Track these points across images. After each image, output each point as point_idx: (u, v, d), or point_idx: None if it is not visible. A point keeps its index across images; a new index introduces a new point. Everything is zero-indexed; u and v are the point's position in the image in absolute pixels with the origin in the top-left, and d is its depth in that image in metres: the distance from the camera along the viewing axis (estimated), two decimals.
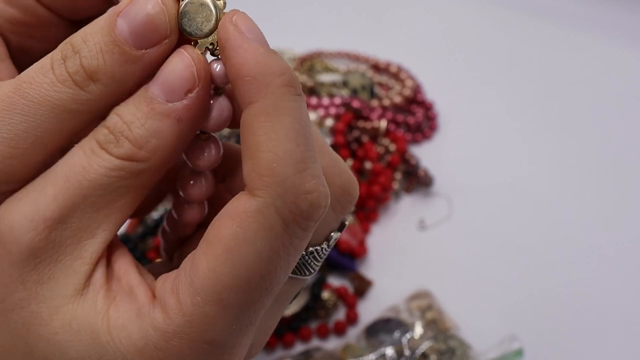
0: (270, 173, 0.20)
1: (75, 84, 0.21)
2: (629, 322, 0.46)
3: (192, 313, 0.21)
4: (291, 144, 0.20)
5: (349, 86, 0.60)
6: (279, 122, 0.20)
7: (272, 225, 0.20)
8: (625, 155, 0.57)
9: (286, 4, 0.72)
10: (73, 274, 0.22)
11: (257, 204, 0.20)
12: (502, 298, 0.47)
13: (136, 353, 0.21)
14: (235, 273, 0.20)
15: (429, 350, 0.43)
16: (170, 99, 0.21)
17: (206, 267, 0.20)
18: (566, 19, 0.70)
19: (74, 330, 0.21)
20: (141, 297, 0.22)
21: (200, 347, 0.21)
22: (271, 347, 0.44)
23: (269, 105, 0.20)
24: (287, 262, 0.21)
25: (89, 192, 0.21)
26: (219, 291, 0.20)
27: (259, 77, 0.20)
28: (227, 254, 0.20)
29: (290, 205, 0.20)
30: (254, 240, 0.20)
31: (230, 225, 0.20)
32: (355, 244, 0.49)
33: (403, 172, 0.55)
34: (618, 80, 0.64)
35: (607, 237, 0.51)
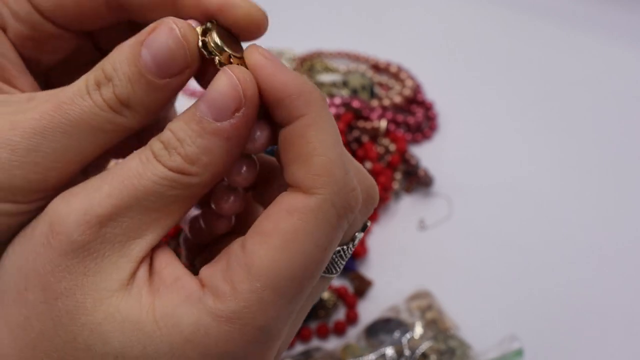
0: (327, 173, 0.22)
1: (111, 109, 0.23)
2: (629, 322, 0.46)
3: (248, 299, 0.22)
4: (337, 149, 0.23)
5: (349, 86, 0.60)
6: (326, 131, 0.23)
7: (330, 219, 0.23)
8: (625, 155, 0.57)
9: (286, 4, 0.72)
10: (118, 270, 0.23)
11: (317, 200, 0.22)
12: (502, 298, 0.47)
13: (183, 340, 0.22)
14: (295, 262, 0.22)
15: (429, 350, 0.43)
16: (219, 118, 0.23)
17: (265, 257, 0.22)
18: (566, 19, 0.70)
19: (118, 322, 0.22)
20: (189, 286, 0.23)
21: (250, 332, 0.22)
22: None
23: (315, 117, 0.23)
24: (332, 253, 0.24)
25: (141, 195, 0.23)
26: (277, 279, 0.22)
27: (303, 95, 0.23)
28: (287, 244, 0.22)
29: (344, 201, 0.23)
30: (314, 232, 0.22)
31: (290, 219, 0.22)
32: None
33: (403, 172, 0.55)
34: (618, 80, 0.64)
35: (607, 237, 0.51)
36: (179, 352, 0.22)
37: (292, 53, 0.65)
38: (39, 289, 0.22)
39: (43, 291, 0.22)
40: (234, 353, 0.22)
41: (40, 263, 0.22)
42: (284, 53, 0.66)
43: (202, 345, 0.22)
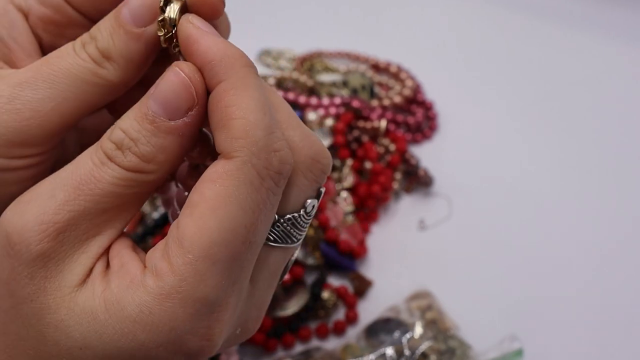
0: (244, 135, 0.22)
1: (94, 61, 0.25)
2: (629, 321, 0.46)
3: (183, 271, 0.22)
4: (259, 112, 0.23)
5: (349, 86, 0.60)
6: (247, 94, 0.23)
7: (252, 180, 0.23)
8: (626, 155, 0.57)
9: (286, 4, 0.72)
10: (78, 267, 0.23)
11: (236, 163, 0.22)
12: (502, 298, 0.47)
13: (131, 323, 0.22)
14: (222, 227, 0.22)
15: (429, 350, 0.43)
16: (172, 117, 0.23)
17: (194, 226, 0.22)
18: (566, 19, 0.70)
19: (77, 315, 0.23)
20: (133, 270, 0.23)
21: (192, 306, 0.22)
22: (271, 348, 0.44)
23: (236, 81, 0.23)
24: (265, 216, 0.23)
25: (99, 199, 0.23)
26: (208, 247, 0.22)
27: (224, 60, 0.23)
28: (212, 211, 0.22)
29: (264, 161, 0.23)
30: (236, 195, 0.22)
31: (212, 186, 0.22)
32: (355, 244, 0.49)
33: (403, 172, 0.55)
34: (618, 80, 0.64)
35: (608, 237, 0.51)
36: (130, 335, 0.22)
37: (292, 53, 0.65)
38: (7, 296, 0.23)
39: (10, 297, 0.23)
40: (180, 328, 0.23)
41: (4, 272, 0.23)
42: (284, 53, 0.66)
43: (149, 325, 0.22)
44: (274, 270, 0.26)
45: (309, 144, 0.25)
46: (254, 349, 0.45)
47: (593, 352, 0.45)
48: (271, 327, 0.45)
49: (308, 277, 0.48)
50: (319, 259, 0.48)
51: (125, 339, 0.23)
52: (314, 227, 0.48)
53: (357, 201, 0.51)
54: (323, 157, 0.26)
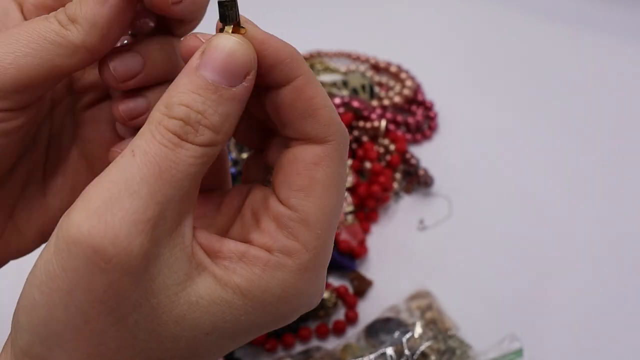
0: (333, 122, 0.25)
1: (59, 22, 0.26)
2: (629, 321, 0.46)
3: (317, 246, 0.25)
4: (328, 98, 0.26)
5: (349, 86, 0.60)
6: (319, 86, 0.26)
7: (344, 157, 0.26)
8: (627, 155, 0.57)
9: (286, 4, 0.72)
10: (177, 262, 0.23)
11: (332, 146, 0.26)
12: (502, 298, 0.47)
13: (276, 300, 0.25)
14: (336, 201, 0.26)
15: (428, 350, 0.43)
16: (233, 84, 0.24)
17: (314, 207, 0.25)
18: (566, 19, 0.70)
19: (204, 307, 0.24)
20: (260, 255, 0.25)
21: (322, 271, 0.26)
22: (271, 348, 0.44)
23: (309, 76, 0.25)
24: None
25: (182, 182, 0.23)
26: (330, 220, 0.26)
27: (295, 58, 0.25)
28: (326, 190, 0.25)
29: (346, 139, 0.26)
30: (339, 173, 0.26)
31: (320, 168, 0.25)
32: (355, 244, 0.49)
33: (403, 172, 0.55)
34: (618, 80, 0.64)
35: (608, 237, 0.51)
36: (273, 311, 0.25)
37: None
38: (105, 314, 0.22)
39: (110, 314, 0.22)
40: (314, 293, 0.26)
41: (97, 291, 0.22)
42: None
43: (292, 297, 0.25)
44: None
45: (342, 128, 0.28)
46: (254, 349, 0.45)
47: (593, 352, 0.45)
48: None
49: None
50: None
51: (267, 315, 0.25)
52: None
53: (357, 201, 0.51)
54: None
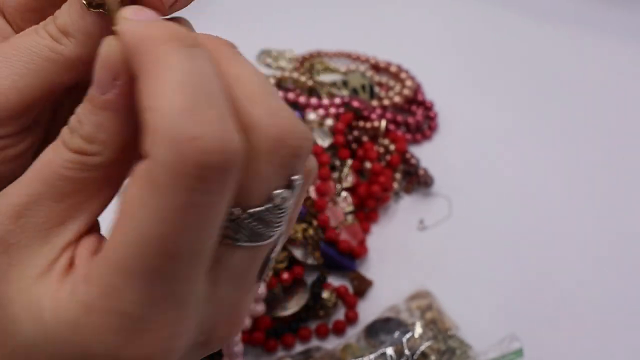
0: (152, 130, 0.19)
1: (52, 37, 0.24)
2: (629, 321, 0.46)
3: (102, 284, 0.21)
4: (172, 94, 0.19)
5: (349, 86, 0.60)
6: (162, 77, 0.19)
7: (159, 182, 0.19)
8: (627, 155, 0.57)
9: (286, 4, 0.72)
10: (40, 259, 0.23)
11: (146, 162, 0.20)
12: (502, 298, 0.47)
13: (71, 330, 0.21)
14: (130, 239, 0.20)
15: (429, 350, 0.43)
16: (103, 91, 0.22)
17: (113, 235, 0.21)
18: (566, 19, 0.70)
19: (31, 311, 0.22)
20: (77, 274, 0.22)
21: (115, 320, 0.21)
22: (271, 348, 0.44)
23: (151, 64, 0.20)
24: (193, 222, 0.20)
25: (53, 182, 0.22)
26: (119, 260, 0.20)
27: (142, 42, 0.20)
28: (126, 218, 0.20)
29: (175, 155, 0.19)
30: (145, 200, 0.20)
31: (130, 189, 0.20)
32: (355, 244, 0.49)
33: (403, 172, 0.55)
34: (619, 81, 0.64)
35: (608, 236, 0.51)
36: (71, 343, 0.21)
37: (292, 53, 0.65)
38: None
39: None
40: (110, 342, 0.21)
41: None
42: (284, 53, 0.66)
43: (82, 335, 0.21)
44: (240, 272, 0.23)
45: (274, 122, 0.21)
46: (254, 349, 0.45)
47: (593, 352, 0.45)
48: (271, 327, 0.45)
49: (308, 277, 0.48)
50: (319, 259, 0.48)
51: (68, 346, 0.21)
52: (314, 227, 0.48)
53: (357, 201, 0.51)
54: (291, 138, 0.21)
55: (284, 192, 0.22)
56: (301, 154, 0.22)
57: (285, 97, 0.56)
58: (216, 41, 0.23)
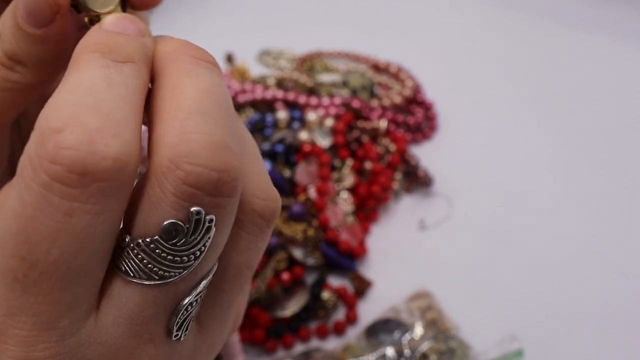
0: (37, 121, 0.18)
1: (3, 65, 0.22)
2: (629, 321, 0.46)
3: None
4: (65, 96, 0.18)
5: (349, 86, 0.60)
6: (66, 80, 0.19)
7: (23, 174, 0.18)
8: (628, 155, 0.57)
9: (286, 4, 0.72)
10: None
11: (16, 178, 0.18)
12: (502, 298, 0.47)
13: None
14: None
15: (429, 350, 0.43)
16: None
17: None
18: (567, 18, 0.70)
19: None
20: None
21: None
22: (271, 348, 0.44)
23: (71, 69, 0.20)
24: (46, 227, 0.18)
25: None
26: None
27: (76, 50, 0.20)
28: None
29: (37, 147, 0.17)
30: (7, 194, 0.19)
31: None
32: (355, 244, 0.49)
33: (403, 172, 0.55)
34: (620, 80, 0.64)
35: (609, 237, 0.51)
36: None
37: (292, 53, 0.65)
38: None
39: None
40: None
41: None
42: (284, 53, 0.66)
43: None
44: (129, 313, 0.20)
45: (179, 142, 0.18)
46: (254, 349, 0.45)
47: (593, 352, 0.45)
48: (271, 327, 0.45)
49: (308, 277, 0.48)
50: (319, 259, 0.48)
51: None
52: (314, 227, 0.48)
53: (357, 201, 0.51)
54: (188, 162, 0.18)
55: (178, 225, 0.19)
56: (201, 184, 0.19)
57: (285, 97, 0.56)
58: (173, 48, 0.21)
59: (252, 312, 0.45)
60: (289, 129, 0.54)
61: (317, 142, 0.53)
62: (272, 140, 0.53)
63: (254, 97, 0.56)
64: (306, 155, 0.52)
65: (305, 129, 0.54)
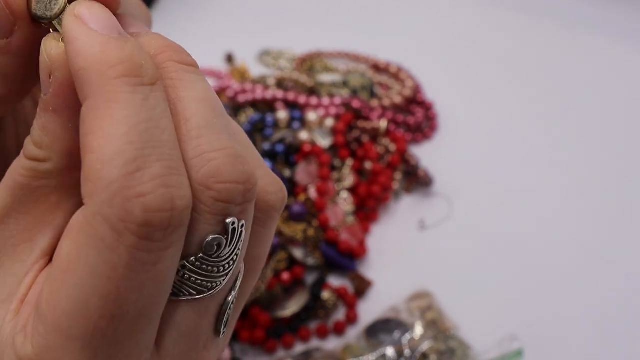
0: (94, 177, 0.18)
1: None
2: (629, 321, 0.46)
3: (38, 345, 0.19)
4: (120, 142, 0.18)
5: (349, 86, 0.60)
6: (108, 117, 0.18)
7: (103, 237, 0.18)
8: (629, 156, 0.57)
9: (286, 4, 0.72)
10: (10, 277, 0.21)
11: (84, 214, 0.18)
12: (502, 298, 0.47)
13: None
14: (73, 297, 0.18)
15: (429, 350, 0.43)
16: (45, 92, 0.21)
17: (47, 293, 0.19)
18: (566, 18, 0.70)
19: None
20: (21, 318, 0.21)
21: None
22: (271, 348, 0.44)
23: (99, 99, 0.18)
24: (136, 281, 0.19)
25: (14, 192, 0.21)
26: (58, 319, 0.19)
27: (92, 68, 0.18)
28: (63, 274, 0.19)
29: (119, 211, 0.18)
30: (85, 257, 0.18)
31: (65, 242, 0.19)
32: (355, 244, 0.49)
33: (403, 172, 0.55)
34: (621, 81, 0.64)
35: (609, 237, 0.51)
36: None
37: (292, 53, 0.65)
38: None
39: None
40: None
41: None
42: (284, 53, 0.66)
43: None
44: (187, 330, 0.21)
45: (201, 164, 0.19)
46: (254, 349, 0.45)
47: (593, 352, 0.45)
48: (271, 327, 0.45)
49: (308, 277, 0.48)
50: (319, 259, 0.48)
51: None
52: (314, 227, 0.48)
53: (357, 201, 0.51)
54: (218, 182, 0.20)
55: (219, 239, 0.20)
56: (233, 198, 0.20)
57: (285, 97, 0.56)
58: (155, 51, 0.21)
59: (252, 312, 0.45)
60: (289, 129, 0.54)
61: (317, 142, 0.53)
62: (272, 140, 0.53)
63: (254, 97, 0.56)
64: (306, 155, 0.52)
65: (306, 129, 0.54)
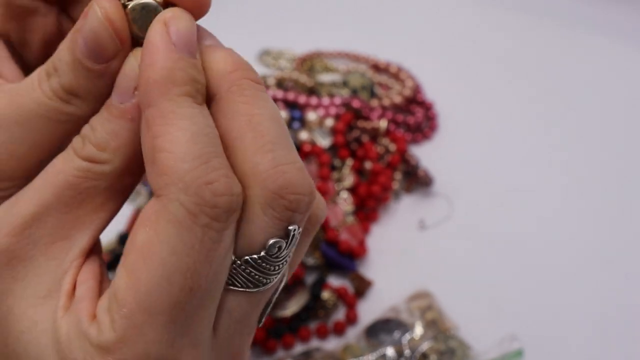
0: (169, 171, 0.20)
1: (60, 98, 0.23)
2: (629, 322, 0.46)
3: (121, 327, 0.21)
4: (188, 143, 0.21)
5: (349, 86, 0.60)
6: (176, 124, 0.21)
7: (180, 219, 0.20)
8: (629, 157, 0.57)
9: (286, 4, 0.72)
10: (46, 274, 0.22)
11: (162, 202, 0.21)
12: (502, 298, 0.47)
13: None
14: (155, 276, 0.21)
15: (429, 350, 0.43)
16: (122, 100, 0.22)
17: (126, 277, 0.21)
18: (567, 19, 0.70)
19: (37, 333, 0.22)
20: (84, 312, 0.22)
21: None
22: (271, 348, 0.44)
23: (166, 109, 0.21)
24: (208, 257, 0.21)
25: (60, 191, 0.22)
26: (142, 299, 0.21)
27: (162, 82, 0.21)
28: (143, 258, 0.21)
29: (194, 196, 0.20)
30: (166, 238, 0.21)
31: (142, 230, 0.21)
32: (355, 244, 0.49)
33: (403, 172, 0.55)
34: (620, 81, 0.64)
35: (609, 238, 0.51)
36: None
37: (292, 53, 0.65)
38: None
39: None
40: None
41: None
42: (284, 53, 0.66)
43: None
44: (238, 318, 0.24)
45: (276, 175, 0.22)
46: (253, 349, 0.45)
47: (593, 352, 0.45)
48: (271, 327, 0.45)
49: (308, 277, 0.48)
50: (319, 259, 0.48)
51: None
52: None
53: (357, 201, 0.51)
54: (290, 192, 0.22)
55: (280, 242, 0.23)
56: (299, 208, 0.22)
57: (285, 97, 0.56)
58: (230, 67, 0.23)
59: None
60: (289, 129, 0.54)
61: (317, 142, 0.53)
62: None
63: None
64: (306, 155, 0.52)
65: (305, 128, 0.54)
